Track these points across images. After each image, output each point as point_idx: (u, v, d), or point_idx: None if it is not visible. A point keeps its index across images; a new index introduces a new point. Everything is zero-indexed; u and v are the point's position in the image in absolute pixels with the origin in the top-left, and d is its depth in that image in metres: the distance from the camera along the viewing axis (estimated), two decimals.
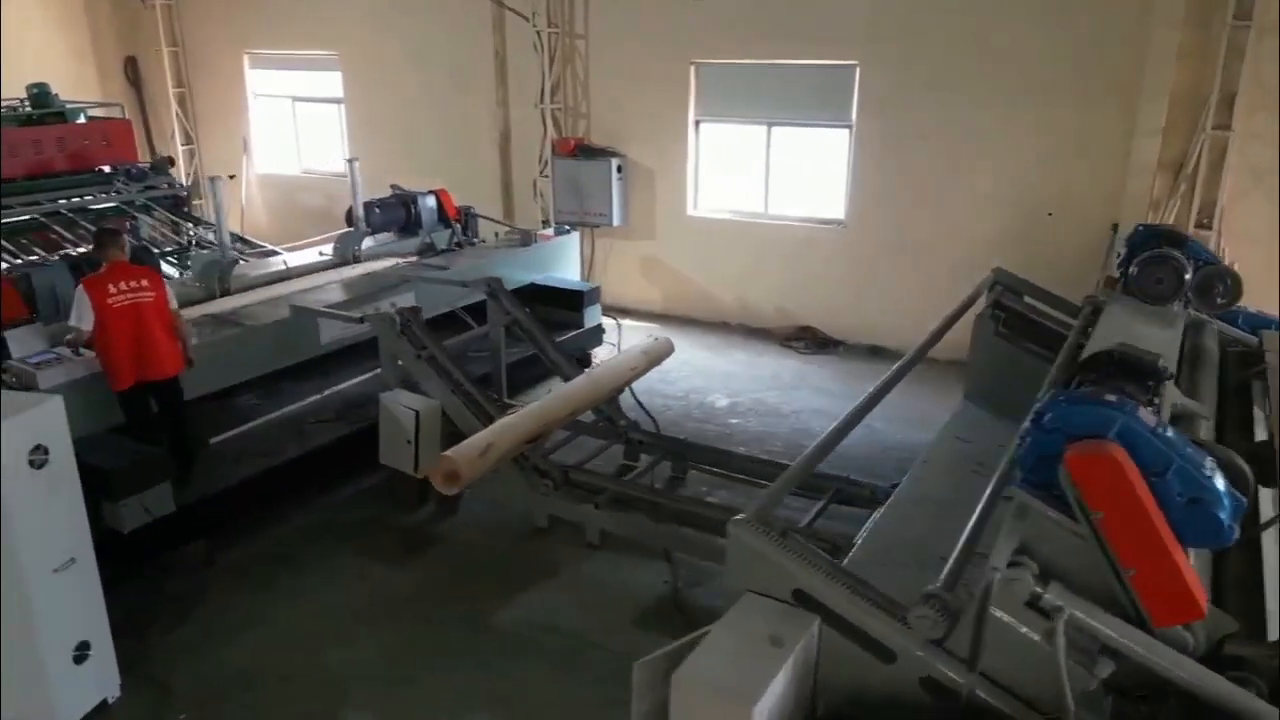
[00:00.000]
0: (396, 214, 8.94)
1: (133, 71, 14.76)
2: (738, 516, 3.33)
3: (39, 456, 3.98)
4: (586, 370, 6.65)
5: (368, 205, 8.73)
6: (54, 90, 11.18)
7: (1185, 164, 7.87)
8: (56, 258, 6.58)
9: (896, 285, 9.56)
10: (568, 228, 10.27)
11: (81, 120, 11.34)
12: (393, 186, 9.41)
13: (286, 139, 13.80)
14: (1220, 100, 7.54)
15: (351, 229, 8.27)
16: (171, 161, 11.17)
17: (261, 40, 13.40)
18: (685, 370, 9.09)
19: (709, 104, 10.22)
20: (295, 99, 13.49)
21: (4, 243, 8.99)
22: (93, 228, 10.23)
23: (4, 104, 10.88)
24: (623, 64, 10.49)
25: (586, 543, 5.93)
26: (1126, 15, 7.96)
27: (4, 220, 9.47)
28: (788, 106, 9.76)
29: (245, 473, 6.09)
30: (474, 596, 5.45)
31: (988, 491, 3.61)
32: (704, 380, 9.00)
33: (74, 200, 10.29)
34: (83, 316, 5.42)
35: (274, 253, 8.65)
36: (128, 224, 10.46)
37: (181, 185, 11.20)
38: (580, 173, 10.74)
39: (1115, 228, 8.37)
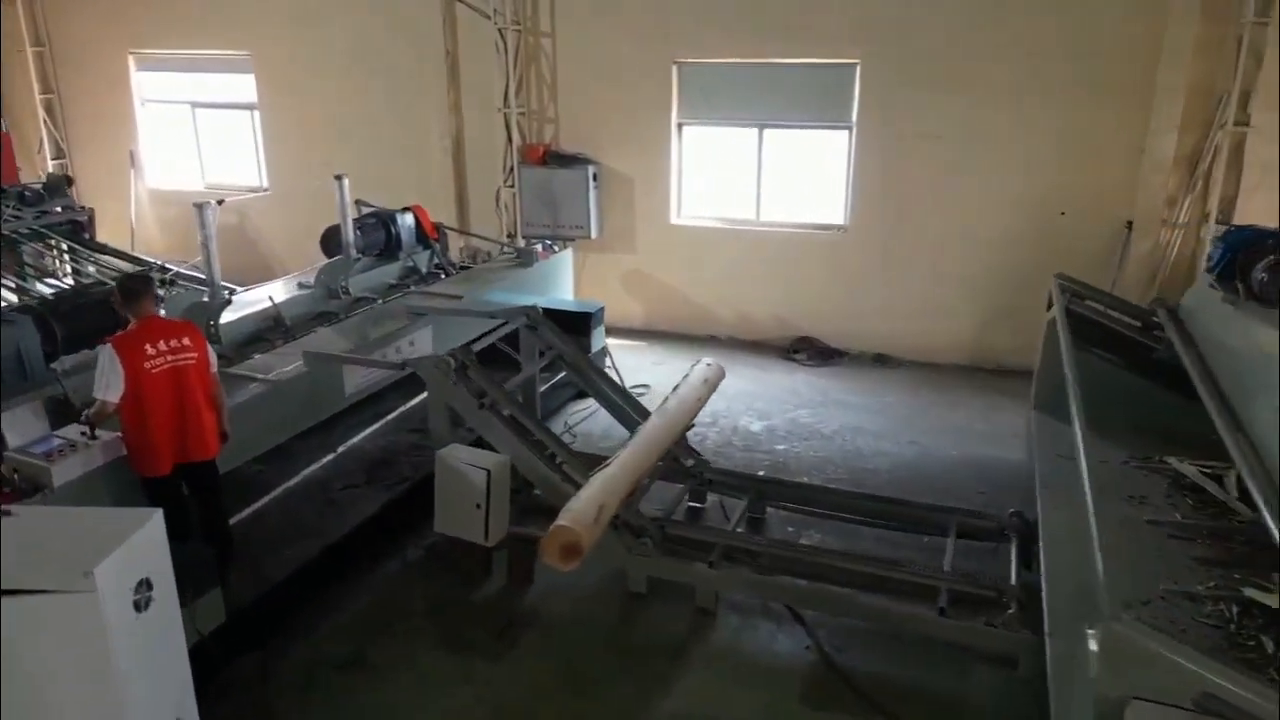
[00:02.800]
0: (377, 236, 7.89)
1: None
2: (1117, 613, 2.80)
3: (143, 595, 2.98)
4: (658, 408, 5.94)
5: (339, 228, 7.63)
6: None
7: (1201, 160, 7.92)
8: (7, 306, 5.23)
9: (900, 290, 9.30)
10: (548, 243, 9.48)
11: None
12: (359, 203, 8.32)
13: (185, 150, 12.20)
14: (1238, 96, 7.60)
15: (339, 257, 7.17)
16: (70, 181, 9.58)
17: (151, 39, 11.78)
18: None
19: (693, 106, 9.63)
20: (196, 105, 11.93)
21: None
22: None
23: None
24: (595, 64, 9.75)
25: (698, 608, 5.26)
26: (1139, 11, 7.93)
27: None
28: (781, 107, 9.30)
29: (295, 561, 5.05)
30: (605, 691, 4.67)
31: None
32: (723, 401, 8.39)
33: None
34: (111, 385, 4.28)
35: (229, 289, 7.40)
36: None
37: (82, 208, 9.61)
38: (552, 182, 9.94)
39: (1130, 225, 8.38)
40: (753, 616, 5.23)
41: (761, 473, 6.57)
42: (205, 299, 5.94)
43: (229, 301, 5.98)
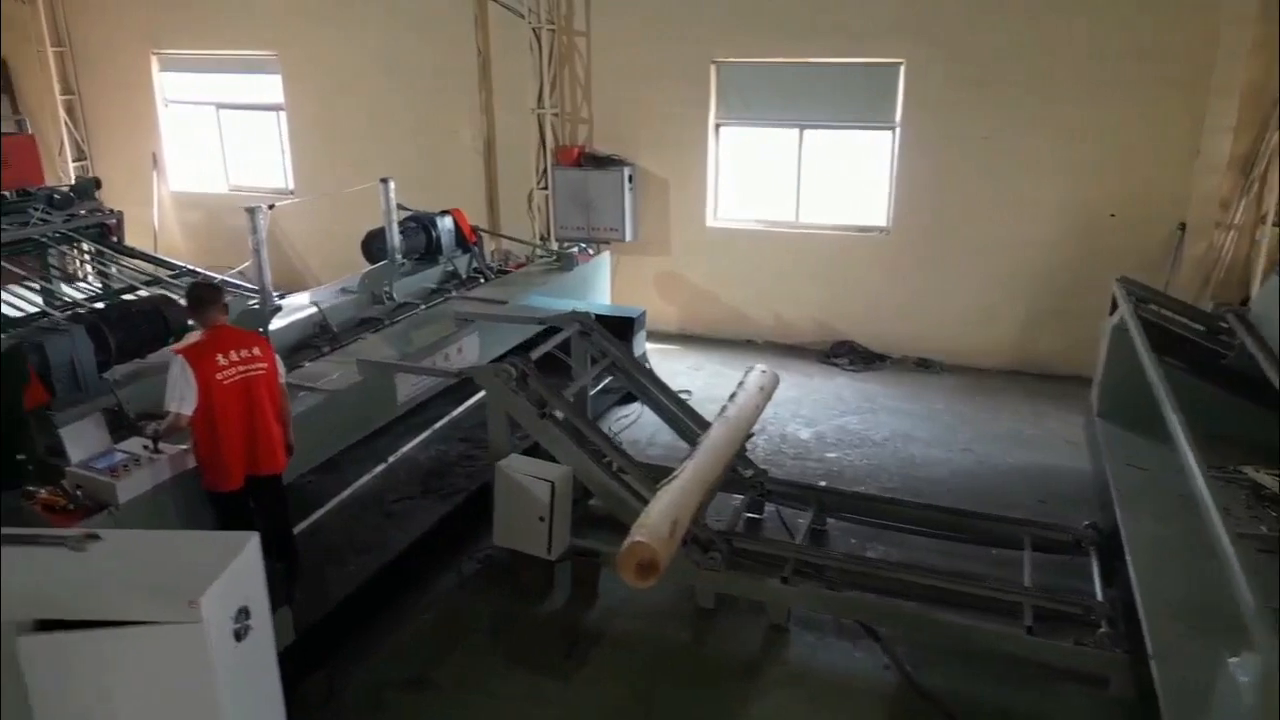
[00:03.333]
0: (417, 240, 7.75)
1: (2, 76, 12.58)
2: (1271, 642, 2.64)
3: (242, 624, 2.84)
4: (719, 417, 5.78)
5: (382, 232, 7.49)
6: None
7: (1257, 162, 7.77)
8: (63, 317, 5.06)
9: (944, 294, 9.14)
10: (583, 246, 9.34)
11: None
12: (399, 206, 8.16)
13: (210, 152, 12.04)
14: None
15: (384, 262, 7.02)
16: (99, 184, 9.40)
17: (175, 39, 11.63)
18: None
19: (731, 106, 9.48)
20: (220, 106, 11.77)
21: None
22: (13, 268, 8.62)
23: None
24: (631, 64, 9.59)
25: (771, 624, 5.11)
26: (1194, 10, 7.77)
27: None
28: (822, 107, 9.14)
29: (358, 577, 4.89)
30: (684, 713, 4.52)
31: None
32: (769, 408, 8.18)
33: None
34: (185, 398, 4.13)
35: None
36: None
37: (111, 211, 9.44)
38: (587, 184, 9.78)
39: (1183, 227, 8.22)
40: (825, 633, 5.08)
41: (823, 483, 6.40)
42: (254, 305, 5.79)
43: (279, 308, 5.83)
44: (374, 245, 7.42)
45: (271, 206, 5.81)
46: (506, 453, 5.42)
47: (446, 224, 7.99)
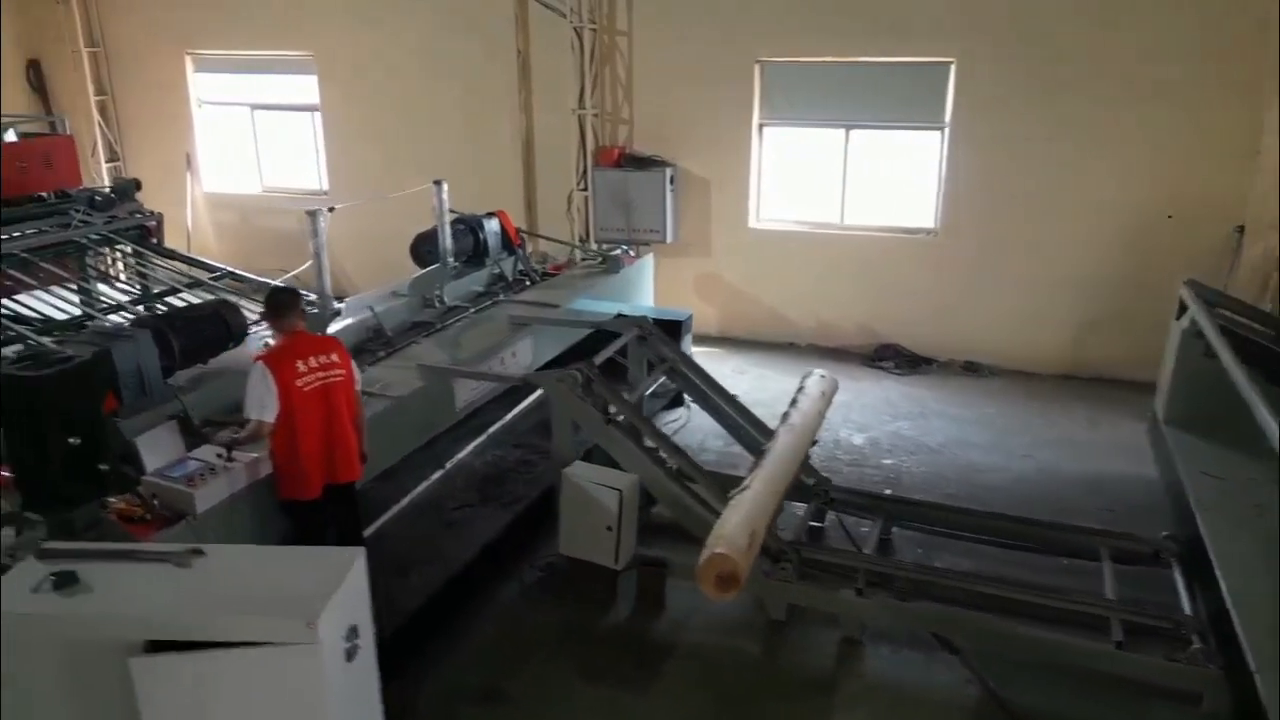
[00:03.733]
0: (465, 242, 7.66)
1: (36, 76, 12.56)
2: None
3: (352, 643, 2.74)
4: (784, 425, 5.67)
5: (431, 235, 7.41)
6: None
7: None
8: (126, 323, 4.96)
9: (993, 296, 9.01)
10: (624, 248, 9.24)
11: (11, 138, 9.34)
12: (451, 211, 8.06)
13: (243, 153, 11.99)
14: None
15: (436, 265, 6.93)
16: (138, 185, 9.34)
17: (209, 39, 11.57)
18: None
19: (776, 106, 9.36)
20: (255, 107, 11.71)
21: None
22: (57, 270, 8.57)
23: None
24: (674, 64, 9.49)
25: (844, 637, 4.99)
26: (1249, 10, 7.61)
27: None
28: (869, 107, 9.01)
29: (427, 587, 4.80)
30: None
31: None
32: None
33: (28, 236, 8.40)
34: (267, 405, 4.05)
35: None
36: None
37: (151, 213, 9.39)
38: (628, 185, 9.67)
39: (1241, 230, 8.06)
40: (900, 645, 4.96)
41: (888, 491, 6.28)
42: (314, 310, 5.70)
43: (338, 312, 5.74)
44: (423, 248, 7.34)
45: (331, 209, 5.71)
46: (571, 460, 5.32)
47: (493, 226, 7.90)
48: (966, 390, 8.73)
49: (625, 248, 9.32)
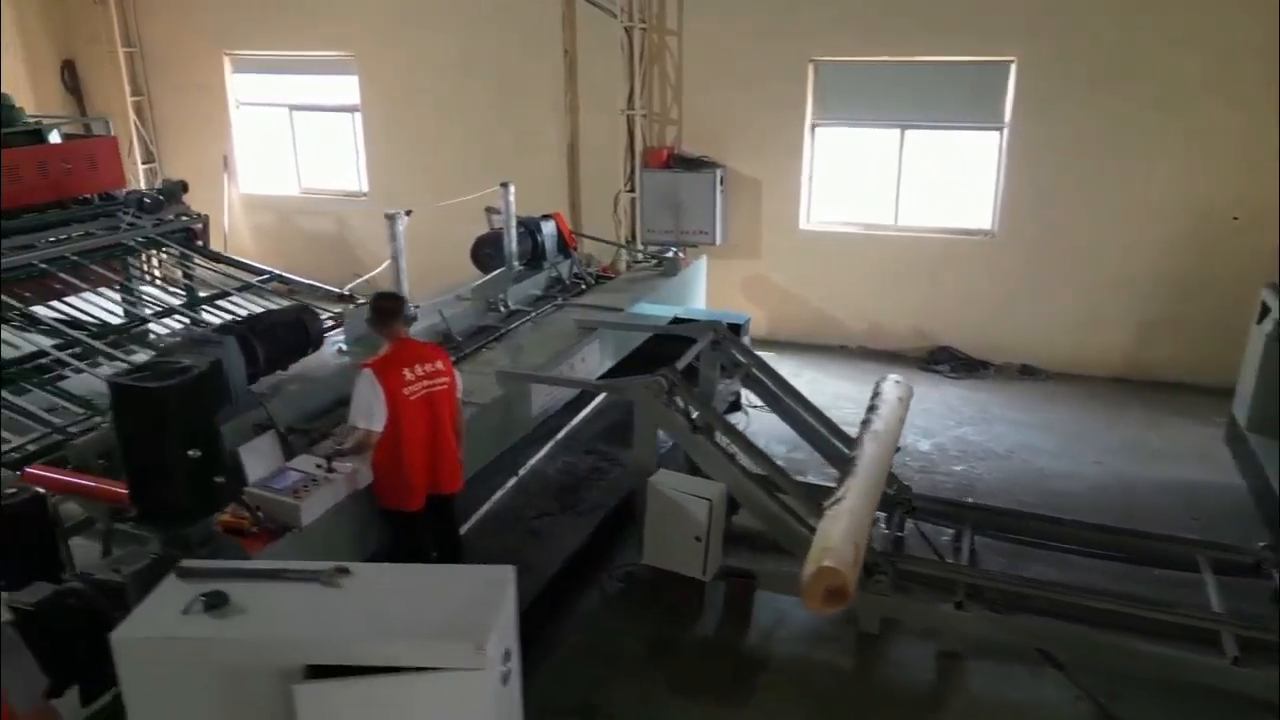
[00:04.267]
0: (525, 246, 7.56)
1: (71, 77, 12.48)
2: None
3: (507, 666, 2.64)
4: (869, 433, 5.55)
5: (492, 237, 7.32)
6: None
7: None
8: (211, 329, 4.86)
9: (1050, 298, 8.88)
10: (675, 250, 9.13)
11: (56, 139, 9.25)
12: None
13: (281, 154, 11.90)
14: None
15: (502, 269, 6.83)
16: (185, 187, 9.26)
17: (249, 39, 11.47)
18: (848, 406, 8.05)
19: (829, 106, 9.24)
20: (293, 108, 11.62)
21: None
22: (106, 272, 8.49)
23: None
24: (724, 63, 9.38)
25: (942, 651, 4.88)
26: None
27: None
28: (925, 107, 8.89)
29: (522, 599, 4.66)
30: None
31: None
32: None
33: (76, 239, 8.32)
34: (375, 413, 3.96)
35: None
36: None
37: (197, 215, 9.31)
38: (677, 186, 9.56)
39: None
40: (1001, 660, 4.83)
41: (970, 499, 6.16)
42: None
43: (414, 317, 5.63)
44: (484, 251, 7.24)
45: (409, 213, 5.59)
46: (653, 469, 5.21)
47: (550, 229, 7.80)
48: (1026, 394, 8.60)
49: (675, 250, 9.21)
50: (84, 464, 4.69)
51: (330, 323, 5.97)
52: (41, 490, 3.94)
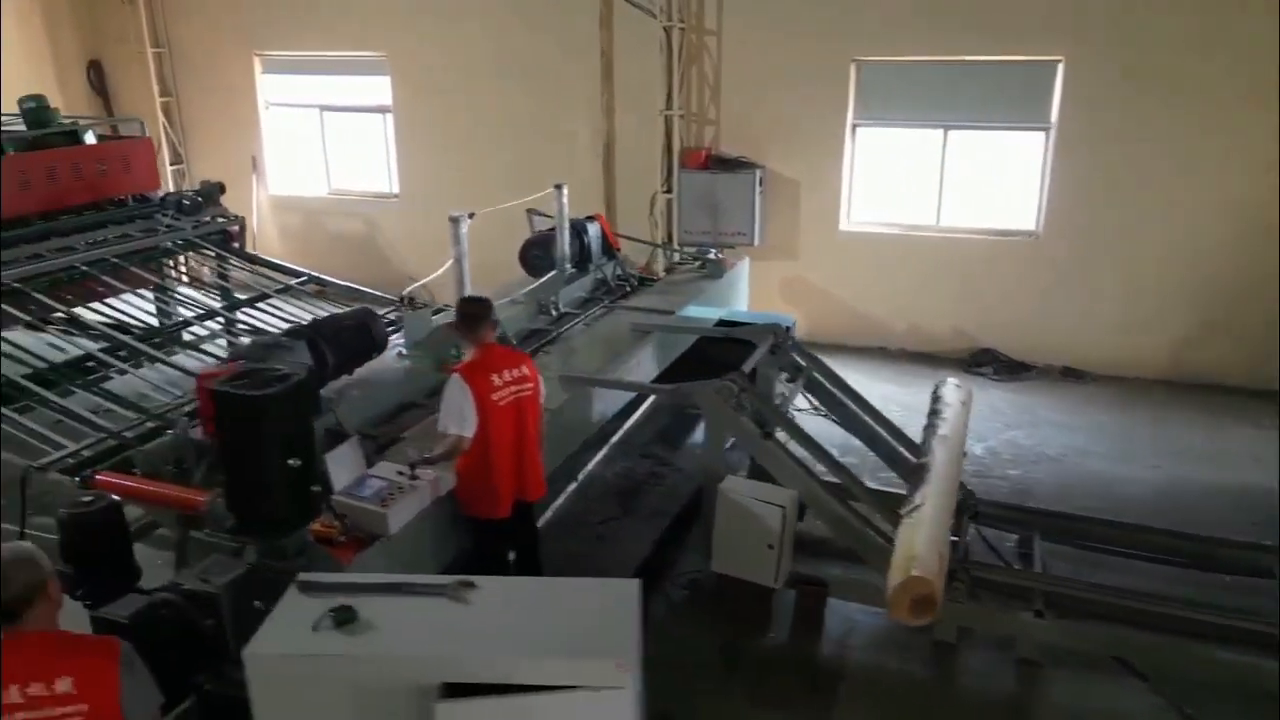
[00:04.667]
0: (572, 248, 7.47)
1: (97, 77, 12.43)
2: None
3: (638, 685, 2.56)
4: (936, 438, 5.48)
5: (541, 240, 7.25)
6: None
7: None
8: (275, 331, 4.78)
9: (1095, 300, 8.80)
10: (715, 252, 9.04)
11: (91, 140, 9.18)
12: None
13: (310, 155, 11.84)
14: None
15: (554, 272, 6.77)
16: (223, 188, 9.20)
17: (280, 40, 11.41)
18: (894, 409, 7.93)
19: (871, 106, 9.16)
20: (324, 108, 11.56)
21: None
22: (145, 274, 8.44)
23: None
24: (764, 63, 9.30)
25: (1020, 659, 4.80)
26: None
27: (36, 271, 7.46)
28: (969, 107, 8.81)
29: None
30: None
31: None
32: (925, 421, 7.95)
33: (115, 241, 8.26)
34: (467, 419, 3.91)
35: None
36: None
37: (235, 217, 9.25)
38: (715, 187, 9.49)
39: None
40: (1079, 668, 4.76)
41: (1035, 505, 6.09)
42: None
43: (500, 322, 5.55)
44: (532, 253, 7.16)
45: (471, 215, 5.52)
46: (722, 474, 5.15)
47: (595, 230, 7.72)
48: (1072, 396, 8.53)
49: (713, 251, 9.13)
50: (152, 470, 4.64)
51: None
52: (116, 497, 3.90)
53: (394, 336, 5.80)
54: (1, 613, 2.42)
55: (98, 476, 4.43)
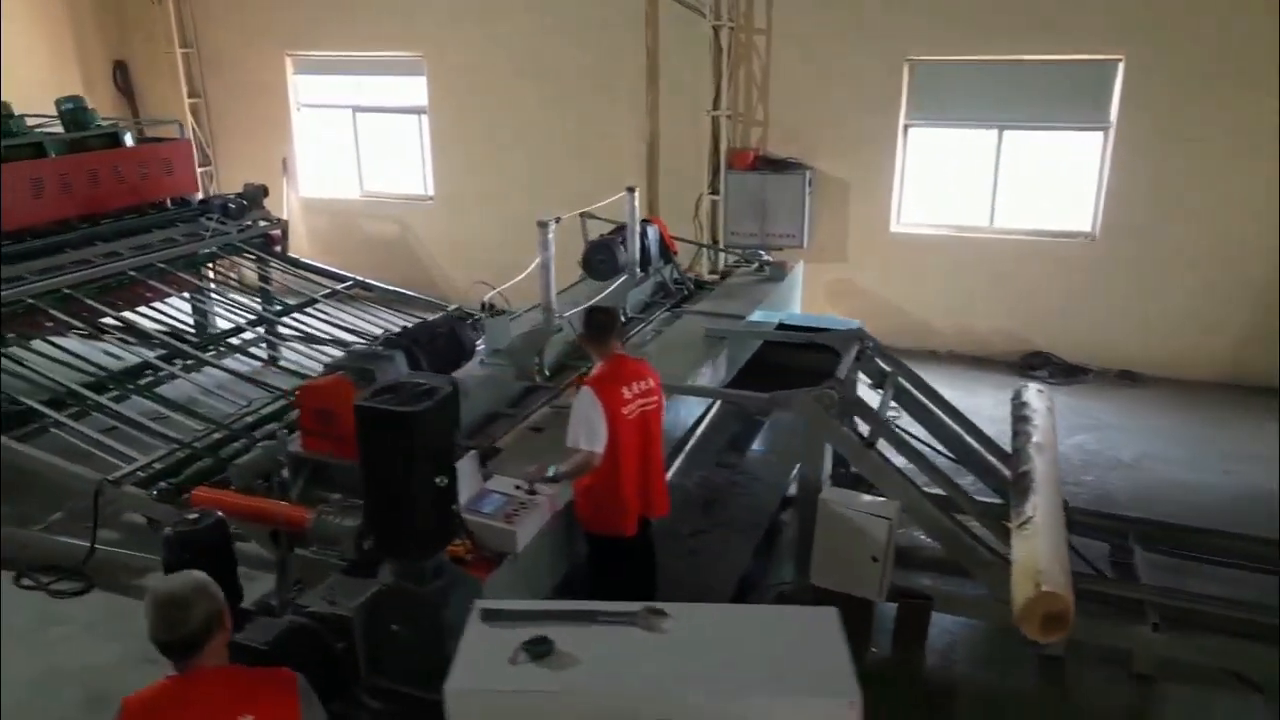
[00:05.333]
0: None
1: (123, 78, 12.24)
2: None
3: None
4: (1032, 446, 5.36)
5: (604, 244, 7.11)
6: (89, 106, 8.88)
7: None
8: (373, 341, 4.60)
9: (1153, 302, 8.70)
10: (762, 254, 8.91)
11: (129, 142, 9.02)
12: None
13: (342, 157, 11.67)
14: None
15: (625, 277, 6.63)
16: (266, 191, 9.05)
17: (313, 40, 11.25)
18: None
19: (924, 106, 9.04)
20: (357, 109, 11.40)
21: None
22: (190, 278, 8.30)
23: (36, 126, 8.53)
24: (815, 63, 9.19)
25: (1133, 673, 4.68)
26: None
27: (86, 277, 7.32)
28: (1025, 107, 8.70)
29: None
30: None
31: None
32: (992, 426, 7.73)
33: (159, 246, 8.11)
34: (597, 434, 3.77)
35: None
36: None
37: (278, 220, 9.11)
38: (764, 189, 9.37)
39: None
40: (1192, 682, 4.65)
41: (1132, 513, 5.97)
42: (524, 325, 5.41)
43: (560, 329, 5.43)
44: (596, 258, 7.02)
45: (558, 220, 5.38)
46: (821, 486, 5.02)
47: (654, 234, 7.59)
48: (1133, 400, 8.42)
49: (763, 253, 9.00)
50: (246, 485, 4.50)
51: None
52: (221, 514, 3.75)
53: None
54: (184, 646, 2.29)
55: (196, 492, 4.28)
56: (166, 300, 8.10)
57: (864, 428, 5.11)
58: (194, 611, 2.28)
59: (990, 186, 9.02)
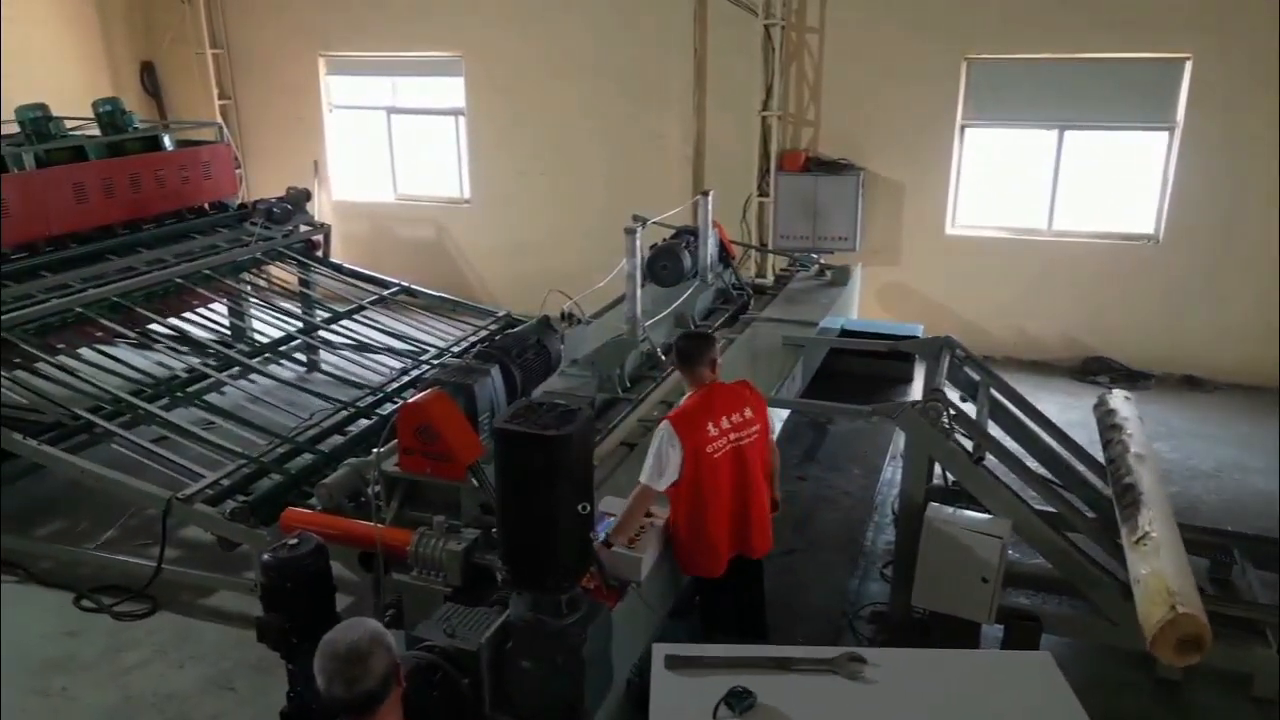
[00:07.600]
0: (695, 257, 7.14)
1: (150, 80, 12.05)
2: None
3: None
4: (1131, 458, 5.16)
5: (669, 248, 6.91)
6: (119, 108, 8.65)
7: None
8: (472, 357, 4.37)
9: (1219, 307, 8.49)
10: (815, 257, 8.72)
11: (169, 146, 8.82)
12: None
13: (376, 159, 11.47)
14: None
15: (698, 283, 6.43)
16: (308, 195, 8.85)
17: (346, 40, 11.04)
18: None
19: (982, 105, 8.84)
20: (391, 111, 11.19)
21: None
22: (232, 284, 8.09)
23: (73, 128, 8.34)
24: (869, 62, 8.98)
25: (1254, 697, 4.48)
26: None
27: (135, 285, 7.12)
28: (1086, 106, 8.48)
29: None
30: None
31: None
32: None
33: (203, 253, 7.92)
34: (665, 472, 3.50)
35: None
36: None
37: (320, 225, 8.91)
38: (815, 190, 9.16)
39: None
40: None
41: (1230, 527, 5.76)
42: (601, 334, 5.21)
43: (645, 339, 5.22)
44: (659, 264, 6.82)
45: (644, 223, 5.18)
46: (923, 501, 4.81)
47: (713, 239, 7.39)
48: (1200, 407, 8.21)
49: (818, 256, 8.81)
50: (336, 505, 4.31)
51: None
52: (319, 538, 3.55)
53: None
54: (361, 706, 2.07)
55: (287, 514, 4.08)
56: (210, 307, 7.91)
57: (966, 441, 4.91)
58: (373, 665, 2.07)
59: (1049, 187, 8.80)
